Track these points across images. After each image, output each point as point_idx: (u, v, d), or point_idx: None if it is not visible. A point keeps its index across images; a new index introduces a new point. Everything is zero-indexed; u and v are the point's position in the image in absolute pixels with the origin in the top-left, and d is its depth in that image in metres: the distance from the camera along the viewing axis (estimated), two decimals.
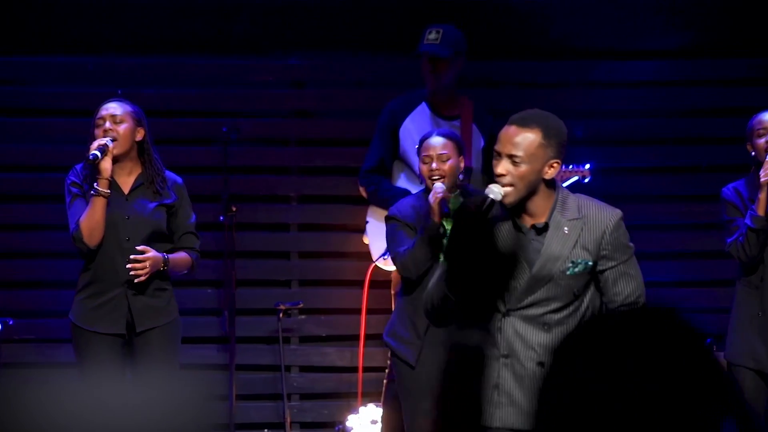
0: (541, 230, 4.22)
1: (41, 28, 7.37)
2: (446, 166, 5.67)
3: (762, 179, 5.73)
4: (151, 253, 5.62)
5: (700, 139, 7.48)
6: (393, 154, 6.69)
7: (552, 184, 4.24)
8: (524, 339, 4.18)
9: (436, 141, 5.73)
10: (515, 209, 4.20)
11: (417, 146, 5.86)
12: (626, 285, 4.25)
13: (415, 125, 6.61)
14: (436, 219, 5.55)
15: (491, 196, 4.09)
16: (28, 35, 7.39)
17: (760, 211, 5.74)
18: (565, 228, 4.19)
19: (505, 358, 4.20)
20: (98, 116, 5.74)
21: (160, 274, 5.69)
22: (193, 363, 7.20)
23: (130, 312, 5.63)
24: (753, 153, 5.90)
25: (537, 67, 7.51)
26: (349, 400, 7.27)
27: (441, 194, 5.58)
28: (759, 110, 6.53)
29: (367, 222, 6.84)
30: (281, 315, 7.15)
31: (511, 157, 4.13)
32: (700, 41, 7.47)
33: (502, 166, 4.14)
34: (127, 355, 5.69)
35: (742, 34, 7.45)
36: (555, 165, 4.17)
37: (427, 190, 5.72)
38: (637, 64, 7.50)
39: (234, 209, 6.89)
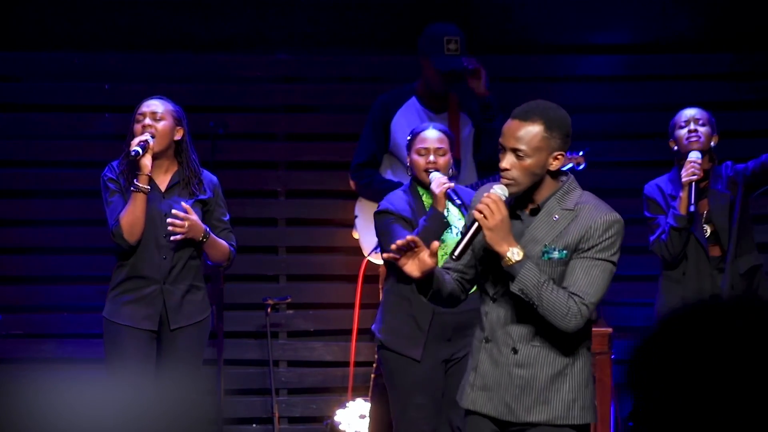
0: (535, 213, 4.25)
1: (27, 23, 7.36)
2: (442, 160, 5.65)
3: (683, 179, 5.76)
4: (194, 216, 5.61)
5: None
6: (384, 147, 6.69)
7: (557, 175, 4.24)
8: (504, 325, 4.22)
9: (434, 134, 5.69)
10: (518, 198, 4.24)
11: (409, 138, 5.81)
12: (581, 281, 4.12)
13: (406, 119, 6.61)
14: (440, 208, 5.54)
15: (499, 191, 4.13)
16: (14, 31, 7.38)
17: (682, 210, 5.76)
18: (556, 215, 4.19)
19: (486, 343, 4.26)
20: (138, 112, 5.70)
21: (195, 267, 5.70)
22: None
23: (165, 308, 5.63)
24: (675, 148, 5.94)
25: (523, 61, 7.52)
26: (337, 394, 7.28)
27: (446, 184, 5.57)
28: (743, 104, 6.60)
29: (355, 216, 6.84)
30: (269, 310, 7.16)
31: (514, 151, 4.14)
32: (686, 36, 7.50)
33: (507, 160, 4.15)
34: (156, 351, 5.68)
35: (730, 28, 7.47)
36: (559, 157, 4.17)
37: (416, 182, 5.72)
38: (629, 59, 7.52)
39: None
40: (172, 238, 5.59)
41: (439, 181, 5.58)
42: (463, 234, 4.21)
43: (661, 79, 7.51)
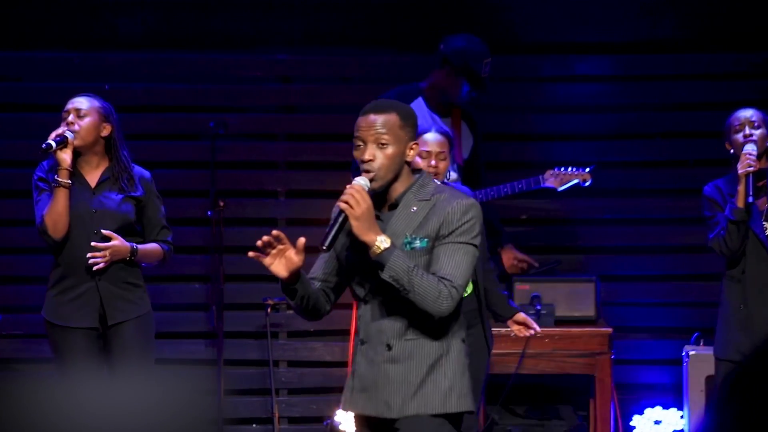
0: (393, 209, 4.27)
1: (27, 23, 7.36)
2: (442, 165, 5.65)
3: (740, 171, 5.74)
4: (117, 241, 5.57)
5: (686, 133, 7.50)
6: None
7: (411, 170, 4.29)
8: (377, 323, 4.24)
9: (436, 138, 5.69)
10: (374, 197, 4.23)
11: None
12: (447, 265, 4.15)
13: None
14: None
15: (361, 182, 4.17)
16: (14, 30, 7.38)
17: (740, 204, 5.75)
18: (414, 207, 4.23)
19: (362, 345, 4.29)
20: (64, 109, 5.73)
21: (130, 268, 5.66)
22: (182, 358, 7.21)
23: (102, 305, 5.60)
24: (732, 150, 5.91)
25: (523, 61, 7.52)
26: (337, 394, 7.28)
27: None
28: (745, 105, 6.54)
29: None
30: (269, 310, 7.16)
31: (376, 140, 4.21)
32: (688, 36, 7.50)
33: (369, 152, 4.22)
34: (102, 349, 5.65)
35: (728, 29, 7.47)
36: (414, 147, 4.24)
37: None
38: (627, 59, 7.52)
39: (222, 204, 6.90)
40: (94, 268, 5.55)
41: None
42: (331, 226, 4.23)
43: (661, 79, 7.51)
